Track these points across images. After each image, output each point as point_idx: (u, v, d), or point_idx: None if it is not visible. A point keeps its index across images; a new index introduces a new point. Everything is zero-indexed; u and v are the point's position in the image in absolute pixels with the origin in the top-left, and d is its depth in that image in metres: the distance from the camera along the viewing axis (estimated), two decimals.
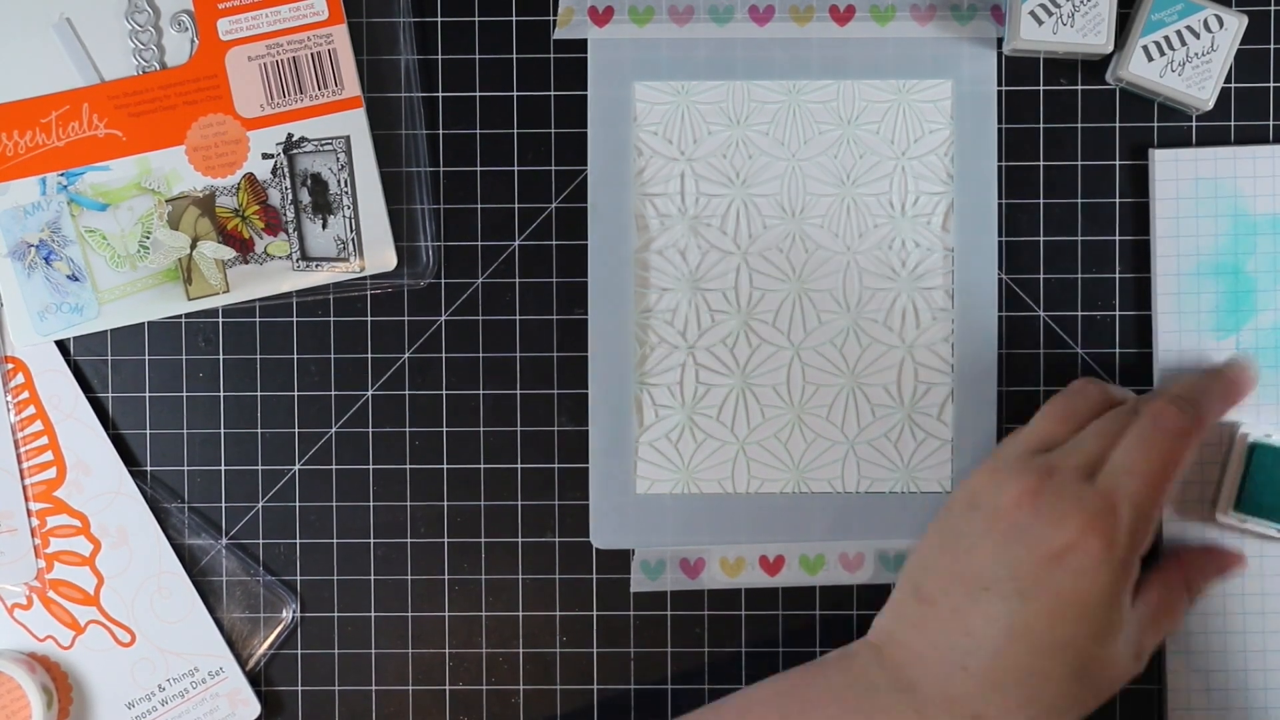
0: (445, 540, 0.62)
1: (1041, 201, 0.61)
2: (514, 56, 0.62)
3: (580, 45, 0.62)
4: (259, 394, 0.62)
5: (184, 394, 0.62)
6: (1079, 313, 0.61)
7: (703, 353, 0.62)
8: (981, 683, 0.50)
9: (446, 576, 0.62)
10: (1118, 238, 0.61)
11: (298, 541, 0.62)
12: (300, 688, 0.62)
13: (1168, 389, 0.56)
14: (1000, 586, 0.50)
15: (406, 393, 0.62)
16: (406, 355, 0.62)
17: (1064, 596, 0.50)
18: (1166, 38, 0.58)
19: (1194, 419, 0.52)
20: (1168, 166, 0.60)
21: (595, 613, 0.62)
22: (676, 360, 0.62)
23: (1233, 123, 0.61)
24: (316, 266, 0.61)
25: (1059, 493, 0.50)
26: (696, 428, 0.62)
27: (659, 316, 0.61)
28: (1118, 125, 0.61)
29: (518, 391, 0.62)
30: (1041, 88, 0.61)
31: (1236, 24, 0.58)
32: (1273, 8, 0.61)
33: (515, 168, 0.62)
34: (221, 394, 0.62)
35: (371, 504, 0.62)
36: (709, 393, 0.61)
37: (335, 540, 0.62)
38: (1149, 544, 0.52)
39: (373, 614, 0.62)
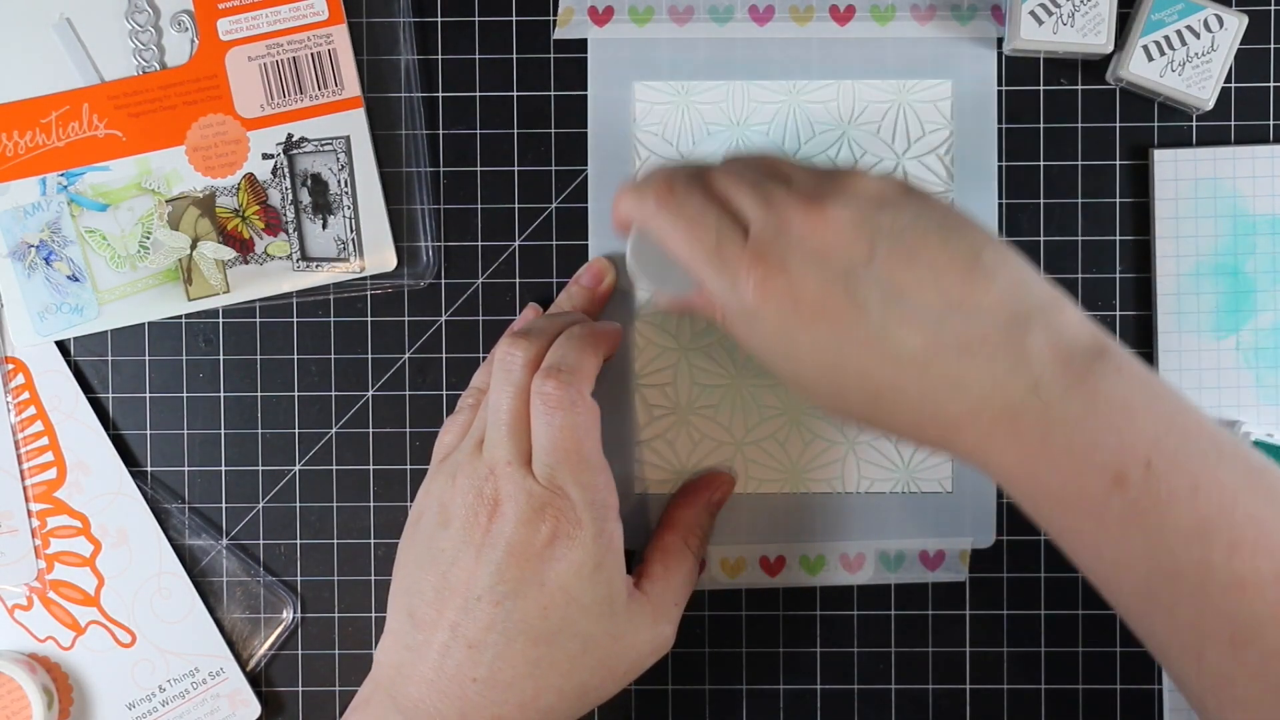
0: None
1: (1042, 201, 0.61)
2: (514, 56, 0.62)
3: (580, 45, 0.62)
4: (259, 394, 0.62)
5: (184, 394, 0.62)
6: None
7: (698, 354, 0.62)
8: (492, 686, 0.51)
9: None
10: (1118, 238, 0.61)
11: (298, 542, 0.62)
12: (300, 688, 0.62)
13: (550, 356, 0.55)
14: (491, 593, 0.51)
15: (407, 393, 0.62)
16: (407, 355, 0.62)
17: (549, 586, 0.51)
18: (1166, 37, 0.59)
19: (576, 382, 0.53)
20: (1168, 166, 0.60)
21: None
22: (670, 361, 0.62)
23: (1233, 123, 0.61)
24: (316, 267, 0.61)
25: (515, 498, 0.52)
26: (693, 428, 0.62)
27: (656, 317, 0.62)
28: (1118, 125, 0.61)
29: None
30: (1041, 88, 0.61)
31: (1236, 24, 0.58)
32: (1273, 8, 0.61)
33: (515, 168, 0.62)
34: (222, 394, 0.62)
35: (372, 504, 0.62)
36: (704, 393, 0.61)
37: (335, 540, 0.62)
38: (614, 502, 0.53)
39: (373, 614, 0.62)
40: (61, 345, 0.61)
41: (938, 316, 0.47)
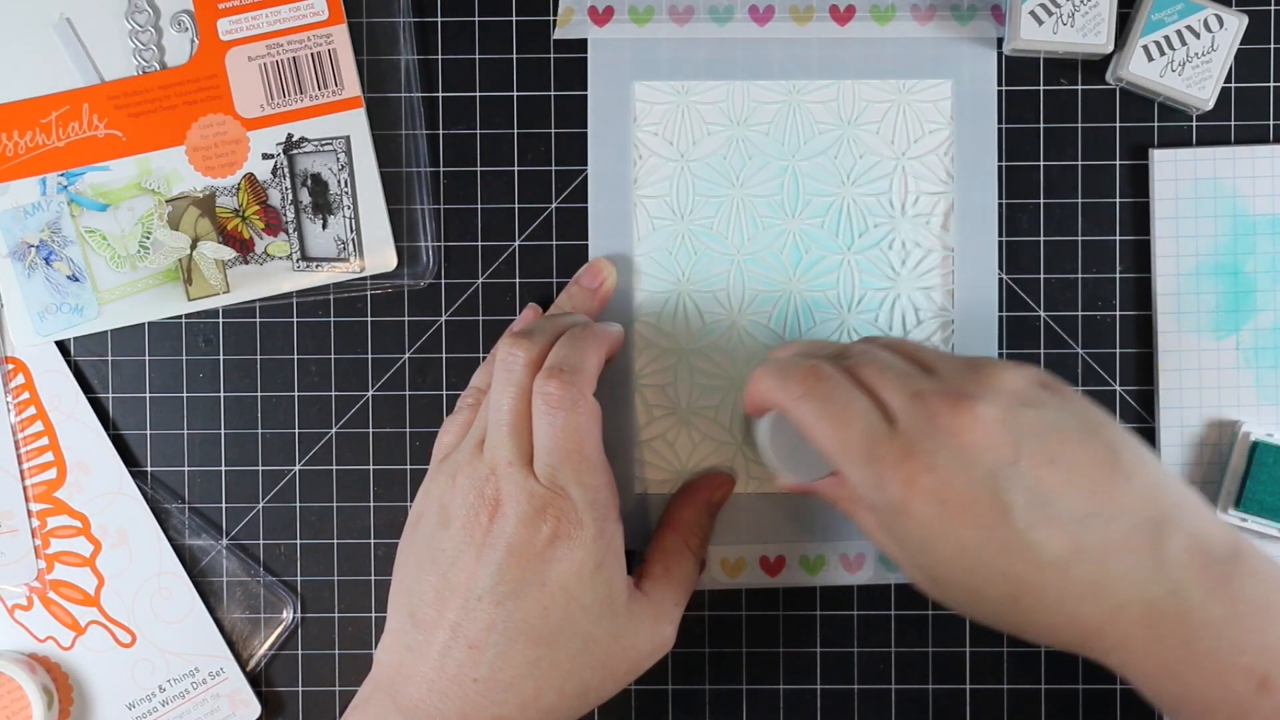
0: None
1: (1041, 201, 0.61)
2: (514, 56, 0.62)
3: (580, 45, 0.62)
4: (259, 394, 0.62)
5: (184, 394, 0.62)
6: (1079, 313, 0.61)
7: (698, 354, 0.62)
8: (493, 686, 0.51)
9: None
10: (1118, 238, 0.61)
11: (298, 542, 0.62)
12: (300, 688, 0.62)
13: (552, 356, 0.55)
14: (491, 593, 0.51)
15: (407, 393, 0.62)
16: (407, 355, 0.62)
17: (550, 587, 0.51)
18: (1166, 37, 0.59)
19: (578, 382, 0.53)
20: (1167, 166, 0.60)
21: None
22: (670, 361, 0.62)
23: (1233, 123, 0.61)
24: (316, 267, 0.61)
25: (516, 498, 0.52)
26: (693, 428, 0.62)
27: (656, 318, 0.62)
28: (1118, 125, 0.61)
29: None
30: (1041, 88, 0.61)
31: (1236, 24, 0.58)
32: (1273, 8, 0.61)
33: (515, 168, 0.62)
34: (221, 394, 0.62)
35: (372, 504, 0.62)
36: (704, 393, 0.61)
37: (335, 540, 0.62)
38: (615, 503, 0.53)
39: (373, 614, 0.62)
40: (61, 345, 0.61)
41: (1080, 519, 0.47)
